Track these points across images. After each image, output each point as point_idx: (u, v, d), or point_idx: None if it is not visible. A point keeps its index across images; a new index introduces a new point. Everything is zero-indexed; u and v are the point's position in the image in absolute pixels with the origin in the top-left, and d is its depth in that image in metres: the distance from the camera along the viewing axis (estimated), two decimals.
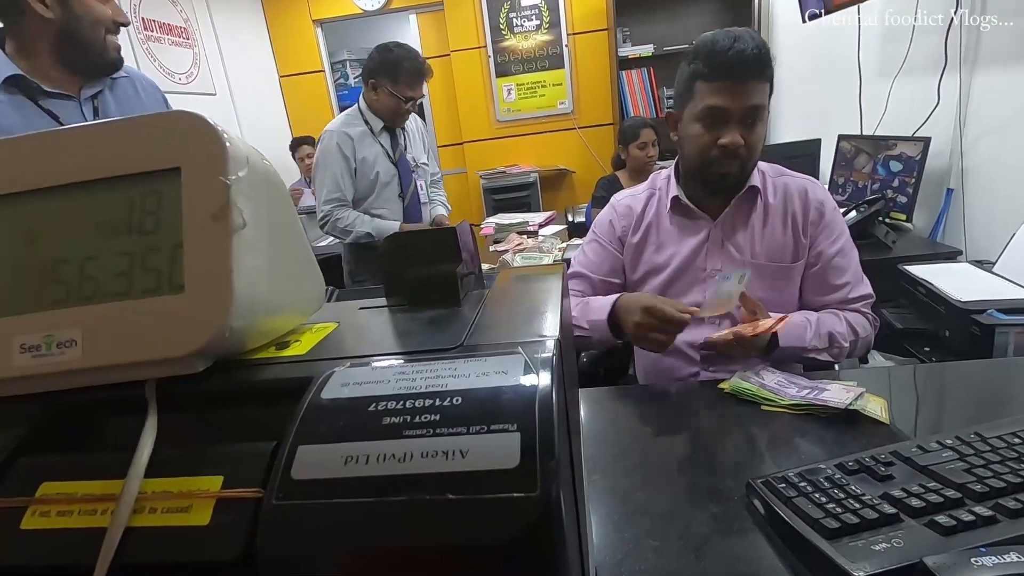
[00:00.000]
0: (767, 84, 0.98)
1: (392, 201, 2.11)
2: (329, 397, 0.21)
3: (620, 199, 1.19)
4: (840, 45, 2.22)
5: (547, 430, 0.19)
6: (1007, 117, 1.58)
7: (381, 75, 1.94)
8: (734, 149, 0.98)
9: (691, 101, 1.02)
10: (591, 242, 1.18)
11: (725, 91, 0.97)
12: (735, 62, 0.94)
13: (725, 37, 0.96)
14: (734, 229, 1.08)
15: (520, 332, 0.25)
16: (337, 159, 1.97)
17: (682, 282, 1.10)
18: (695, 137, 1.02)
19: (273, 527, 0.18)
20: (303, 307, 0.30)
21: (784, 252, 1.07)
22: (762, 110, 0.99)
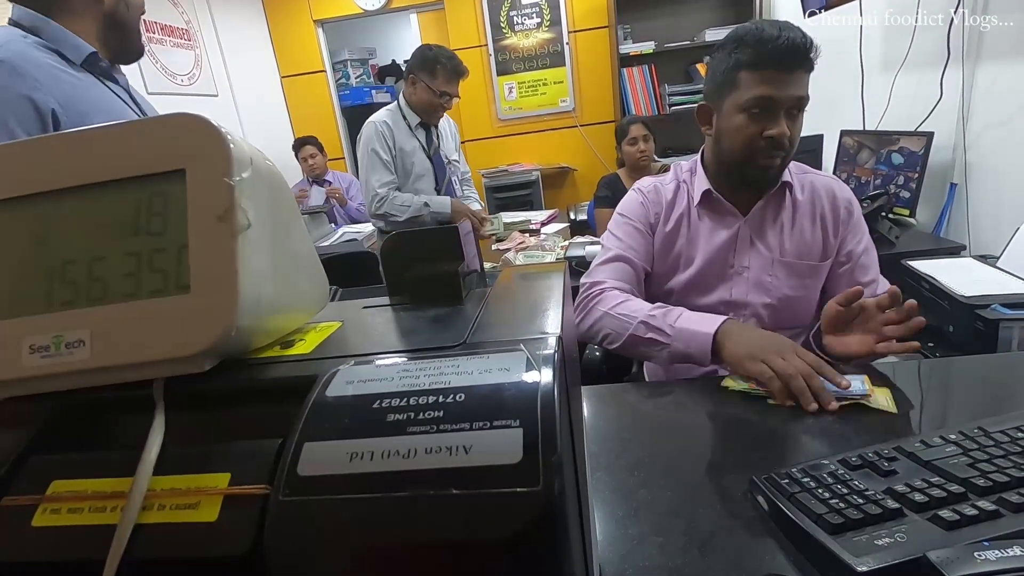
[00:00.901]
0: (809, 75, 0.96)
1: (427, 194, 2.24)
2: (334, 395, 0.22)
3: (647, 184, 1.14)
4: (842, 40, 2.21)
5: (549, 425, 0.19)
6: (1011, 111, 1.57)
7: (420, 71, 2.09)
8: (781, 140, 0.96)
9: (733, 92, 0.97)
10: (624, 226, 1.11)
11: (773, 80, 0.93)
12: (785, 50, 0.91)
13: (771, 26, 0.93)
14: (763, 226, 1.06)
15: (522, 330, 0.25)
16: (382, 144, 2.13)
17: (709, 277, 1.07)
18: (739, 128, 0.98)
19: (280, 523, 0.19)
20: (307, 306, 0.30)
21: (813, 250, 1.05)
22: (806, 101, 0.97)
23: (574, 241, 2.09)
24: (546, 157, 3.77)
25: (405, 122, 2.18)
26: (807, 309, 1.09)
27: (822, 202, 1.06)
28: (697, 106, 1.08)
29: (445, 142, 2.32)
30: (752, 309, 1.06)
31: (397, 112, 2.18)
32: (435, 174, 2.25)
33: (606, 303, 1.02)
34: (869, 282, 1.05)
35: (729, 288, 1.06)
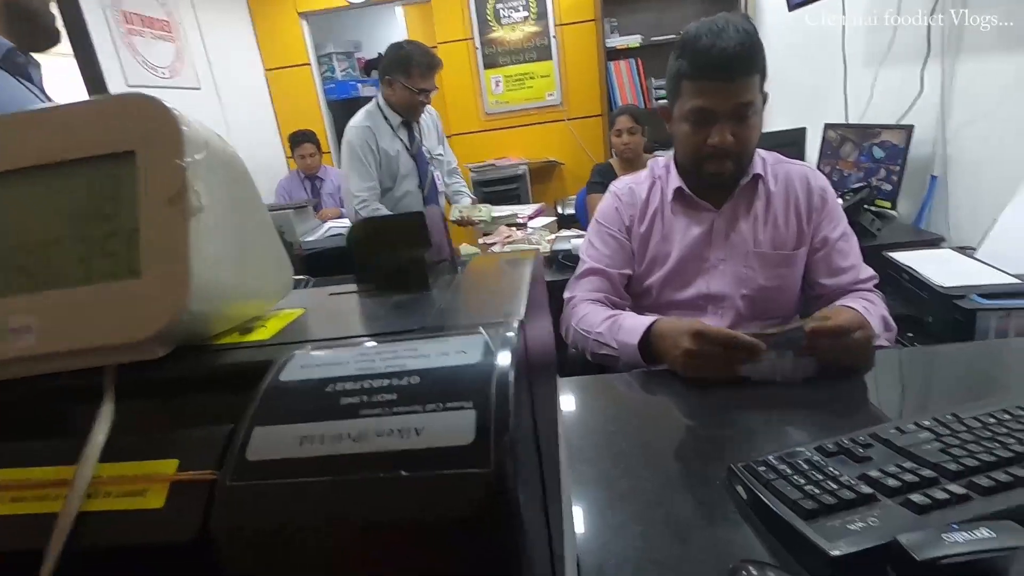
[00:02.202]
0: (756, 77, 0.95)
1: (413, 192, 2.26)
2: (287, 379, 0.21)
3: (621, 186, 1.16)
4: (825, 34, 2.22)
5: (503, 407, 0.19)
6: (989, 105, 1.59)
7: (395, 71, 2.09)
8: (724, 148, 0.97)
9: (678, 99, 1.00)
10: (600, 234, 1.14)
11: (710, 91, 0.94)
12: (718, 61, 0.91)
13: (708, 33, 0.92)
14: (737, 218, 1.07)
15: (485, 315, 0.25)
16: (367, 151, 2.12)
17: (686, 272, 1.08)
18: (685, 136, 1.01)
19: (226, 508, 0.18)
20: (269, 293, 0.29)
21: (787, 239, 1.06)
22: (751, 105, 0.96)
23: (560, 235, 2.09)
24: (533, 151, 3.76)
25: (387, 123, 2.17)
26: (786, 299, 1.09)
27: (796, 191, 1.07)
28: (659, 107, 1.10)
29: (428, 136, 2.31)
30: (730, 301, 1.07)
31: (378, 114, 2.17)
32: (418, 172, 2.25)
33: (575, 318, 1.07)
34: (848, 267, 1.06)
35: (706, 281, 1.07)
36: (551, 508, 0.29)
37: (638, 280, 1.13)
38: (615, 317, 1.00)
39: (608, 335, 0.98)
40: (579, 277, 1.14)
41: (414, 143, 2.23)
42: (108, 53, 2.61)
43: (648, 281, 1.11)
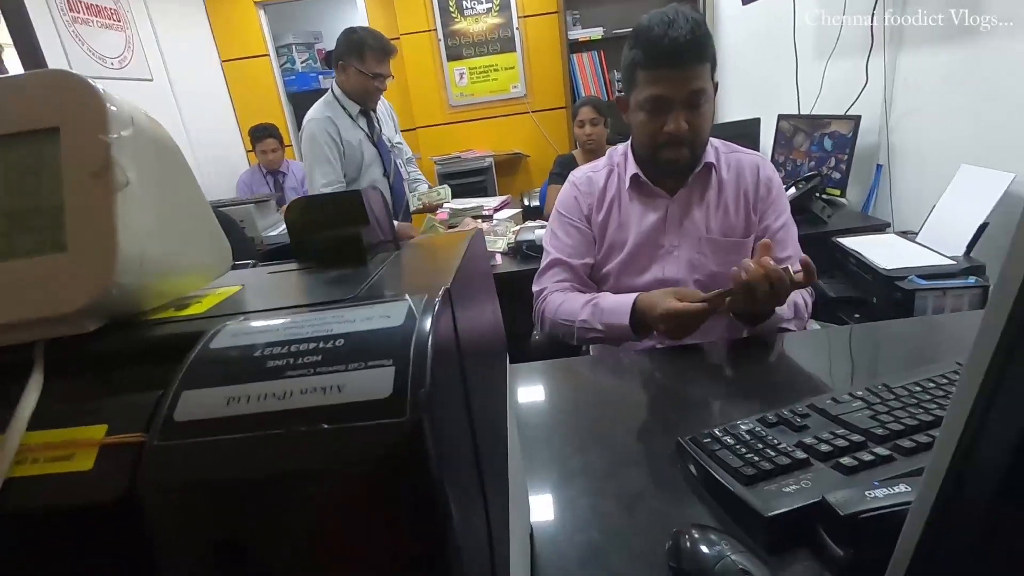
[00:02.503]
0: (707, 65, 0.98)
1: (379, 182, 2.22)
2: (217, 347, 0.22)
3: (580, 175, 1.18)
4: (778, 27, 2.29)
5: (420, 364, 0.20)
6: (928, 96, 1.67)
7: (348, 56, 2.05)
8: (680, 135, 1.00)
9: (634, 89, 1.03)
10: (562, 225, 1.16)
11: (664, 79, 0.97)
12: (670, 50, 0.94)
13: (659, 23, 0.95)
14: (691, 205, 1.10)
15: (415, 285, 0.26)
16: (328, 143, 2.06)
17: (641, 258, 1.11)
18: (642, 124, 1.03)
19: (154, 466, 0.19)
20: (205, 269, 0.30)
21: (737, 227, 1.10)
22: (704, 92, 0.99)
23: (525, 226, 2.11)
24: (499, 143, 3.76)
25: (346, 112, 2.13)
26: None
27: (746, 180, 1.11)
28: (616, 98, 1.12)
29: (384, 125, 2.30)
30: (683, 286, 1.09)
31: (335, 103, 2.13)
32: (382, 160, 2.23)
33: (550, 310, 1.09)
34: (785, 258, 1.10)
35: (662, 267, 1.10)
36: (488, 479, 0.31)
37: (597, 266, 1.15)
38: (595, 301, 1.04)
39: (593, 320, 1.02)
40: (544, 269, 1.16)
41: (375, 131, 2.21)
42: (52, 43, 2.50)
43: (606, 268, 1.13)
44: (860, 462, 0.53)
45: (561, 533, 0.56)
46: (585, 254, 1.14)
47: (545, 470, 0.66)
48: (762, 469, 0.55)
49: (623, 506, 0.58)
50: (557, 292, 1.11)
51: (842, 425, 0.61)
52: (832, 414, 0.63)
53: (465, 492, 0.24)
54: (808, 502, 0.50)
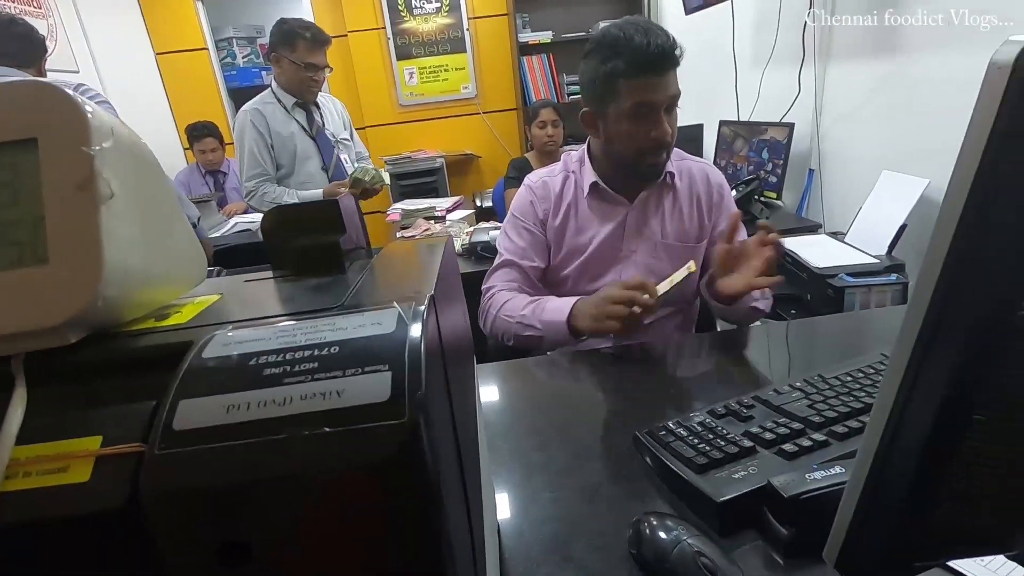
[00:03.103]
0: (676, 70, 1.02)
1: (317, 175, 2.17)
2: (210, 356, 0.22)
3: (535, 179, 1.20)
4: (718, 37, 2.40)
5: (415, 369, 0.21)
6: (854, 105, 1.80)
7: (280, 47, 2.01)
8: (664, 140, 1.03)
9: (615, 100, 1.02)
10: (516, 227, 1.18)
11: (650, 86, 0.99)
12: (657, 56, 0.97)
13: (637, 32, 0.97)
14: (648, 213, 1.14)
15: (399, 292, 0.27)
16: (253, 135, 2.04)
17: (601, 263, 1.14)
18: (627, 134, 1.04)
19: (156, 475, 0.19)
20: (183, 279, 0.30)
21: (691, 233, 1.15)
22: (678, 96, 1.03)
23: (479, 227, 2.12)
24: (450, 144, 3.75)
25: (280, 105, 2.10)
26: (689, 288, 1.17)
27: (698, 187, 1.16)
28: (581, 113, 1.11)
29: (331, 121, 2.25)
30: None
31: (270, 96, 2.10)
32: (321, 154, 2.18)
33: (495, 307, 1.11)
34: None
35: (619, 272, 1.14)
36: (468, 476, 0.32)
37: (555, 270, 1.18)
38: (537, 301, 1.06)
39: (532, 317, 1.04)
40: (495, 269, 1.18)
41: (313, 125, 2.16)
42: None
43: (565, 271, 1.16)
44: (800, 448, 0.58)
45: (526, 526, 0.58)
46: (536, 257, 1.16)
47: (509, 467, 0.68)
48: (713, 458, 0.58)
49: (585, 498, 0.61)
50: (504, 291, 1.13)
51: (784, 414, 0.66)
52: (775, 404, 0.68)
53: (453, 490, 0.26)
54: (755, 487, 0.54)
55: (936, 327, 0.28)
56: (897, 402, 0.30)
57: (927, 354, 0.28)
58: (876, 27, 1.62)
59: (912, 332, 0.29)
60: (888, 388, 0.31)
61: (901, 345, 0.30)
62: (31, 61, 1.50)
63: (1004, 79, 0.23)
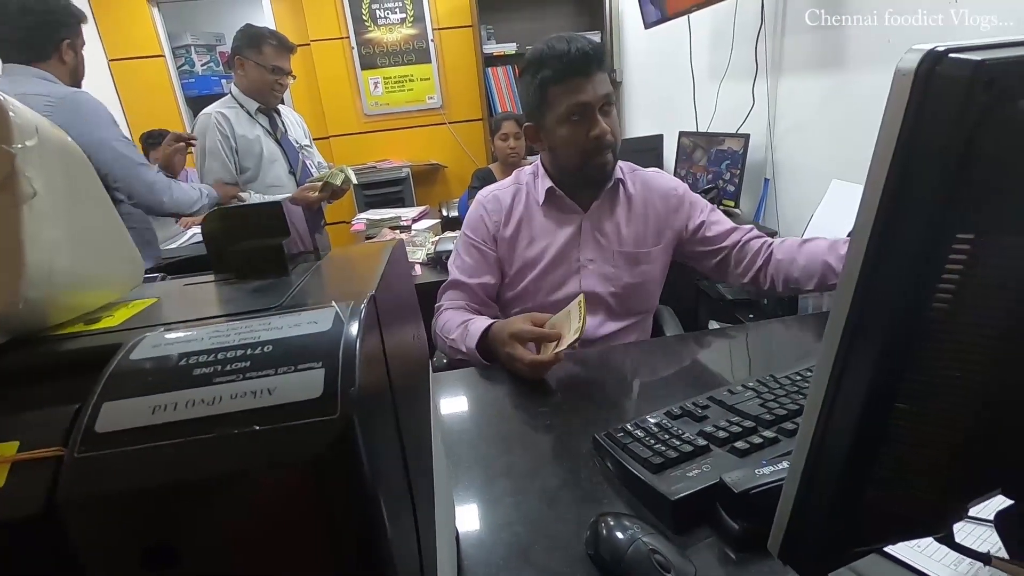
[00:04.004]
0: (607, 75, 1.06)
1: (284, 179, 2.14)
2: (138, 358, 0.22)
3: (486, 194, 1.20)
4: (677, 51, 2.47)
5: (349, 365, 0.21)
6: (804, 117, 1.87)
7: (246, 50, 1.99)
8: (604, 137, 1.04)
9: (550, 109, 1.05)
10: (465, 246, 1.18)
11: (579, 88, 1.02)
12: (579, 59, 1.00)
13: (559, 41, 1.02)
14: (602, 221, 1.15)
15: (340, 292, 0.27)
16: (216, 138, 2.00)
17: (558, 273, 1.14)
18: (567, 139, 1.06)
19: (75, 478, 0.19)
20: (117, 283, 0.29)
21: (646, 238, 1.16)
22: (611, 97, 1.06)
23: (444, 236, 2.11)
24: (416, 154, 3.74)
25: (243, 109, 2.06)
26: (650, 292, 1.19)
27: (652, 195, 1.18)
28: (524, 128, 1.15)
29: (292, 129, 2.23)
30: (600, 299, 1.14)
31: (232, 101, 2.07)
32: (287, 159, 2.15)
33: (438, 326, 1.11)
34: (730, 229, 1.16)
35: (578, 281, 1.14)
36: (416, 480, 0.32)
37: (511, 284, 1.17)
38: (467, 322, 1.05)
39: (460, 340, 1.03)
40: (444, 288, 1.18)
41: (277, 129, 2.14)
42: None
43: (521, 284, 1.16)
44: (751, 445, 0.60)
45: (486, 532, 0.58)
46: (485, 274, 1.16)
47: (470, 473, 0.67)
48: (668, 457, 0.60)
49: (545, 501, 0.61)
50: (449, 310, 1.12)
51: (736, 413, 0.67)
52: (728, 404, 0.70)
53: (394, 489, 0.26)
54: (708, 484, 0.55)
55: (857, 324, 0.29)
56: (827, 396, 0.32)
57: (851, 349, 0.30)
58: (823, 43, 1.70)
59: (837, 329, 0.30)
60: (818, 383, 0.32)
61: (828, 342, 0.31)
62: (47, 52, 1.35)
63: (908, 86, 0.24)
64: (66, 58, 1.41)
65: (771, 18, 1.89)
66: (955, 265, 0.27)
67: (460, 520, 0.59)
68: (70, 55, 1.42)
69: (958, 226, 0.26)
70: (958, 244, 0.27)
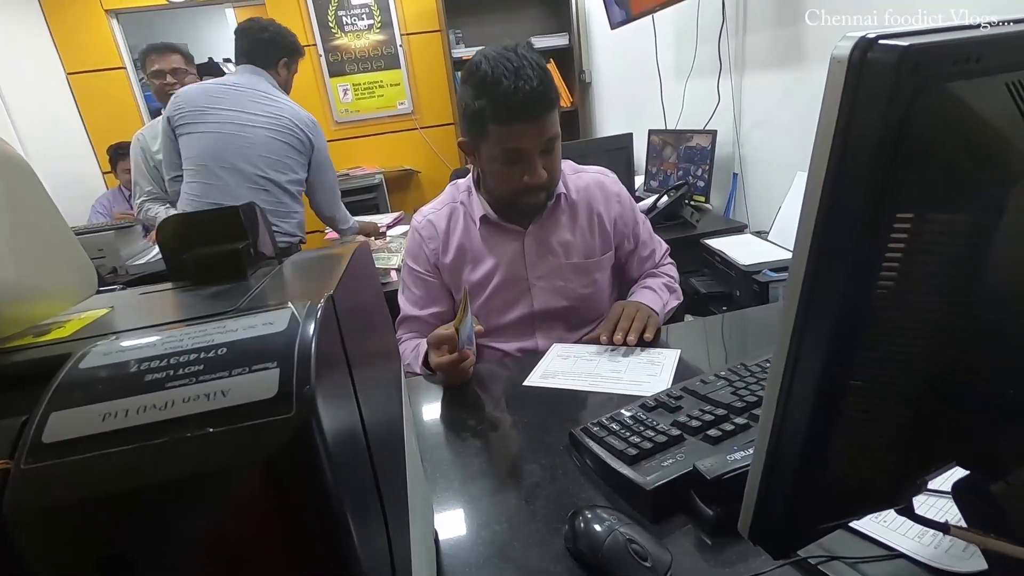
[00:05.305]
0: (556, 109, 0.96)
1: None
2: (87, 367, 0.22)
3: (420, 220, 1.13)
4: (643, 50, 2.50)
5: (305, 364, 0.21)
6: (767, 112, 1.91)
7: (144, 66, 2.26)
8: (540, 182, 0.98)
9: (486, 141, 0.96)
10: (411, 276, 1.13)
11: (521, 133, 0.93)
12: (525, 104, 0.90)
13: (506, 74, 0.89)
14: (546, 235, 1.08)
15: (298, 295, 0.27)
16: (139, 158, 2.20)
17: (507, 294, 1.09)
18: (499, 175, 0.99)
19: (22, 490, 0.18)
20: (66, 294, 0.28)
21: (595, 246, 1.12)
22: (558, 137, 0.98)
23: None
24: (388, 160, 3.72)
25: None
26: (602, 299, 1.16)
27: (596, 200, 1.12)
28: (459, 142, 1.07)
29: None
30: (554, 314, 1.11)
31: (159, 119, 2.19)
32: None
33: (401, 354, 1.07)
34: (650, 254, 1.19)
35: (529, 302, 1.10)
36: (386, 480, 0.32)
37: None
38: (418, 344, 1.05)
39: (414, 364, 1.02)
40: (398, 324, 1.14)
41: None
42: None
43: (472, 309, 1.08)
44: (723, 432, 0.61)
45: (466, 531, 0.57)
46: (433, 303, 1.12)
47: (448, 475, 0.67)
48: (643, 449, 0.60)
49: (523, 498, 0.61)
50: (407, 340, 1.10)
51: (708, 402, 0.69)
52: (701, 394, 0.71)
53: (359, 488, 0.26)
54: (682, 472, 0.56)
55: (808, 307, 0.30)
56: (784, 379, 0.33)
57: (804, 332, 0.31)
58: (782, 40, 1.74)
59: (790, 314, 0.31)
60: (776, 367, 0.33)
61: (783, 327, 0.32)
62: (270, 64, 1.89)
63: (842, 72, 0.25)
64: (281, 72, 1.93)
65: (732, 16, 1.93)
66: (897, 244, 0.28)
67: (439, 521, 0.59)
68: (284, 72, 1.95)
69: (897, 206, 0.27)
70: (899, 224, 0.28)
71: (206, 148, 1.80)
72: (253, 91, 1.85)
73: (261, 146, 1.79)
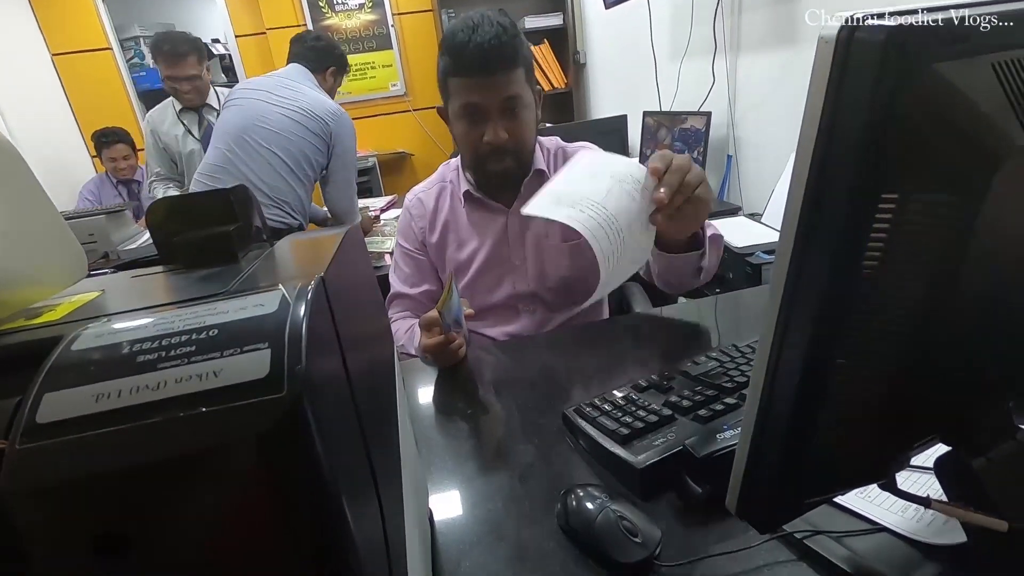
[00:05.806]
0: (520, 70, 0.93)
1: None
2: (80, 348, 0.22)
3: (411, 197, 1.13)
4: (638, 30, 2.47)
5: (296, 344, 0.21)
6: (763, 94, 1.90)
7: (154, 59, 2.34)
8: (500, 145, 0.95)
9: (449, 98, 0.97)
10: (401, 254, 1.13)
11: (475, 87, 0.92)
12: (477, 57, 0.89)
13: (464, 28, 0.90)
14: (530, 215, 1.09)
15: (288, 276, 0.27)
16: (150, 140, 2.36)
17: (492, 275, 1.08)
18: (462, 135, 0.98)
19: (17, 469, 0.19)
20: (56, 278, 0.28)
21: None
22: (520, 99, 0.94)
23: None
24: (382, 142, 3.69)
25: (172, 109, 2.33)
26: (589, 284, 1.12)
27: None
28: (436, 108, 1.06)
29: None
30: (539, 297, 1.10)
31: (168, 100, 2.34)
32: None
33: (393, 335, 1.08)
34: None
35: (512, 282, 1.09)
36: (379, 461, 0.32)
37: None
38: (412, 326, 1.03)
39: (408, 345, 1.02)
40: (389, 301, 1.14)
41: (202, 127, 2.35)
42: None
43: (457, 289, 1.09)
44: (714, 412, 0.62)
45: (460, 511, 0.58)
46: (423, 282, 1.11)
47: (442, 456, 0.68)
48: (635, 428, 0.61)
49: (517, 478, 0.62)
50: (398, 320, 1.10)
51: (700, 383, 0.69)
52: (692, 374, 0.72)
53: (352, 467, 0.26)
54: (672, 451, 0.57)
55: (795, 287, 0.31)
56: (771, 357, 0.33)
57: (790, 311, 0.31)
58: (777, 20, 1.72)
59: (777, 293, 0.32)
60: (763, 346, 0.33)
61: (770, 306, 0.32)
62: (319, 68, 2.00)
63: (830, 52, 0.25)
64: (328, 79, 2.03)
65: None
66: (882, 224, 0.28)
67: (433, 501, 0.60)
68: (331, 79, 2.05)
69: (883, 186, 0.27)
70: (884, 204, 0.28)
71: (225, 122, 1.88)
72: (287, 80, 1.93)
73: (275, 123, 1.83)
